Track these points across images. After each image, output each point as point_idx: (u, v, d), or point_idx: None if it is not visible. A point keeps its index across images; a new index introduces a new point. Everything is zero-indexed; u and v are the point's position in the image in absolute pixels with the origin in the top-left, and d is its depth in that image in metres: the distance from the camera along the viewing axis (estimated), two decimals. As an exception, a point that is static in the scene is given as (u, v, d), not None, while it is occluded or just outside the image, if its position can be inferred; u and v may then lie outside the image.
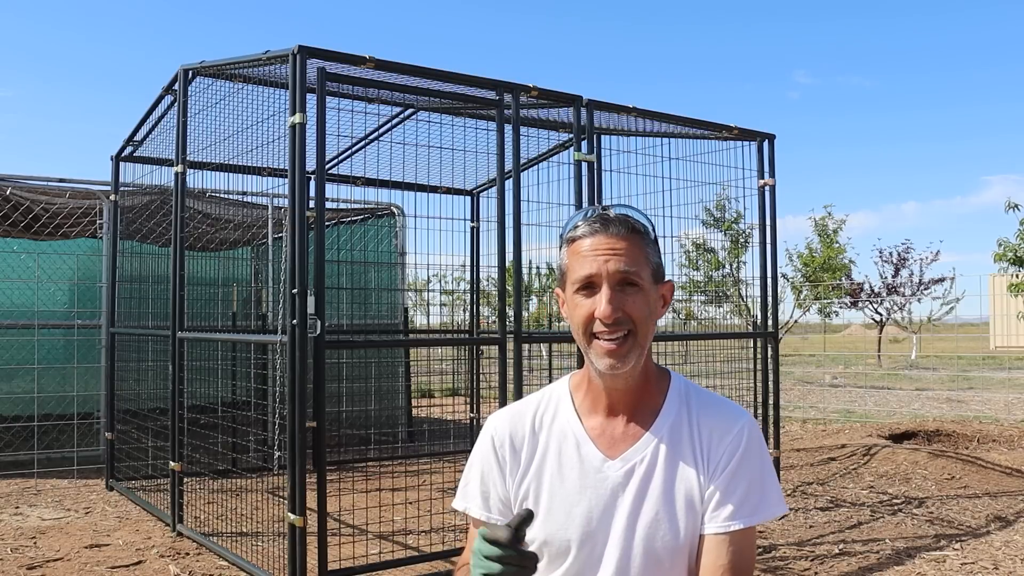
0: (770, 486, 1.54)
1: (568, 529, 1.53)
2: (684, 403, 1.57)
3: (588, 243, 1.49)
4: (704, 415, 1.56)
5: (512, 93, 4.54)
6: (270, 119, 4.53)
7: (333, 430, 7.96)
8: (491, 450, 1.62)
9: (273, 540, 4.66)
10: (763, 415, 5.66)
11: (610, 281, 1.47)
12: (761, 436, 1.57)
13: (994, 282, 21.29)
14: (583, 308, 1.48)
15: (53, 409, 7.78)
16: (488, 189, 7.64)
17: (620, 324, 1.46)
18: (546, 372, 13.19)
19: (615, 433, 1.56)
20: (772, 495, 1.53)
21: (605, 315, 1.45)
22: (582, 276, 1.48)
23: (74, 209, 7.60)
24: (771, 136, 5.72)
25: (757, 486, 1.51)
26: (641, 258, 1.50)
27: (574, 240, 1.52)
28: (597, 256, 1.47)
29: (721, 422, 1.54)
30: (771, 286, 5.74)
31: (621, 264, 1.47)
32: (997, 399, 13.31)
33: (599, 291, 1.47)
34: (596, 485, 1.53)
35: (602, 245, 1.48)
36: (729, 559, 1.47)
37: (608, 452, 1.55)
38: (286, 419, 4.01)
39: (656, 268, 1.54)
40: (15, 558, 4.72)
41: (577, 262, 1.50)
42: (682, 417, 1.56)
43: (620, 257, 1.47)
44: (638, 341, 1.48)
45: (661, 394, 1.58)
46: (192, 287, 7.46)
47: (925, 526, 5.37)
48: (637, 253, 1.49)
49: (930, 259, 24.08)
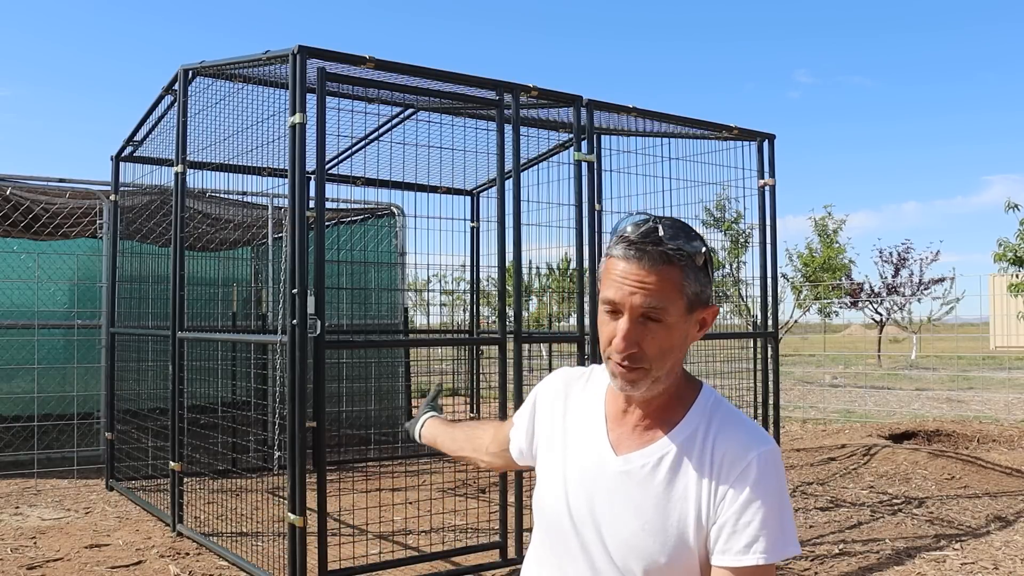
0: (787, 523, 1.44)
1: (558, 504, 1.56)
2: (705, 420, 1.51)
3: (621, 267, 1.45)
4: (721, 437, 1.48)
5: (512, 93, 4.54)
6: (270, 119, 4.53)
7: (333, 430, 7.95)
8: (532, 405, 1.75)
9: (273, 540, 4.66)
10: (763, 415, 5.66)
11: (632, 315, 1.43)
12: (780, 466, 1.47)
13: (994, 282, 21.29)
14: (606, 328, 1.47)
15: (53, 409, 7.78)
16: (488, 189, 7.64)
17: (634, 360, 1.44)
18: (546, 372, 13.17)
19: (628, 431, 1.55)
20: (789, 533, 1.43)
21: (619, 349, 1.44)
22: (608, 298, 1.46)
23: (74, 209, 7.59)
24: (771, 136, 5.72)
25: (775, 521, 1.41)
26: (673, 292, 1.44)
27: (611, 256, 1.48)
28: (624, 285, 1.43)
29: (737, 447, 1.46)
30: (771, 286, 5.74)
31: (647, 300, 1.42)
32: (997, 399, 13.31)
33: (620, 318, 1.45)
34: (595, 476, 1.53)
35: (631, 275, 1.43)
36: None
37: (616, 447, 1.54)
38: (286, 419, 4.01)
39: (694, 297, 1.47)
40: (15, 558, 4.72)
41: (607, 281, 1.47)
42: (698, 434, 1.50)
43: (647, 292, 1.42)
44: (651, 375, 1.46)
45: (684, 408, 1.53)
46: (192, 287, 7.46)
47: (925, 526, 5.37)
48: (669, 288, 1.43)
49: (930, 259, 24.10)
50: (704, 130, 5.65)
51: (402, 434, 8.62)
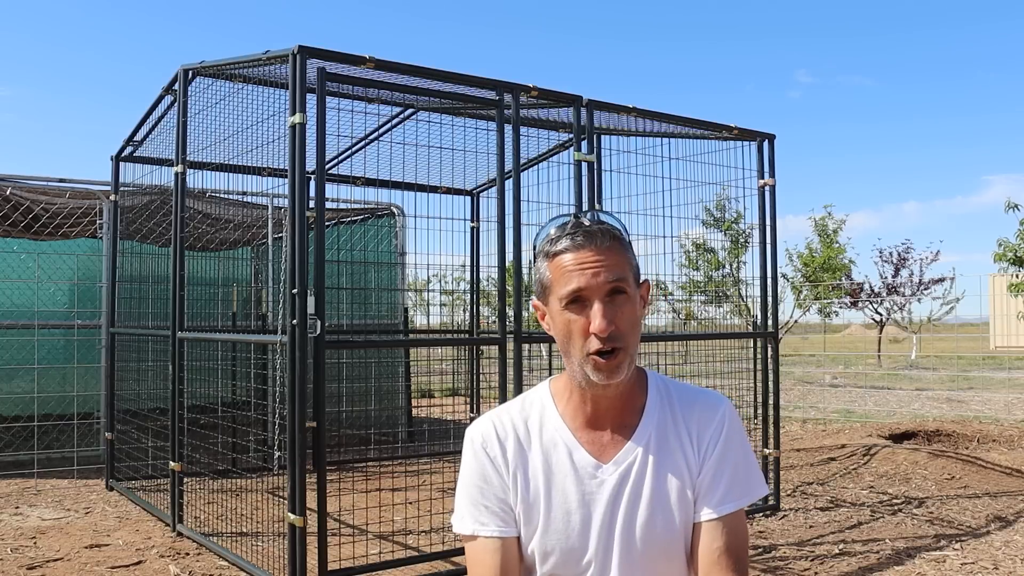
0: (753, 467, 1.60)
1: (570, 538, 1.54)
2: (665, 399, 1.60)
3: (571, 257, 1.48)
4: (687, 407, 1.59)
5: (512, 93, 4.54)
6: (270, 119, 4.53)
7: (333, 430, 7.95)
8: (484, 457, 1.59)
9: (273, 540, 4.66)
10: (763, 415, 5.66)
11: (600, 294, 1.47)
12: (738, 417, 1.63)
13: (994, 282, 21.31)
14: (576, 323, 1.48)
15: (53, 409, 7.78)
16: (488, 189, 7.64)
17: (614, 339, 1.46)
18: (546, 372, 13.18)
19: (605, 438, 1.57)
20: (755, 475, 1.60)
21: (601, 329, 1.45)
22: (571, 290, 1.47)
23: (74, 209, 7.59)
24: (771, 136, 5.72)
25: (743, 468, 1.57)
26: (625, 265, 1.51)
27: (556, 254, 1.51)
28: (585, 270, 1.47)
29: (704, 412, 1.58)
30: (771, 286, 5.74)
31: (610, 275, 1.47)
32: (997, 399, 13.31)
33: (590, 305, 1.47)
34: (593, 491, 1.54)
35: (588, 259, 1.47)
36: (725, 540, 1.51)
37: (600, 457, 1.56)
38: (286, 419, 4.01)
39: (636, 271, 1.55)
40: (15, 558, 4.72)
41: (563, 277, 1.49)
42: (666, 413, 1.59)
43: (608, 268, 1.48)
44: (629, 352, 1.49)
45: (643, 392, 1.61)
46: (192, 287, 7.46)
47: (925, 526, 5.37)
48: (622, 261, 1.50)
49: (930, 259, 24.10)
50: (704, 130, 5.65)
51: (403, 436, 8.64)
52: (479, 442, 1.60)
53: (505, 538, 1.56)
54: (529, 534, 1.56)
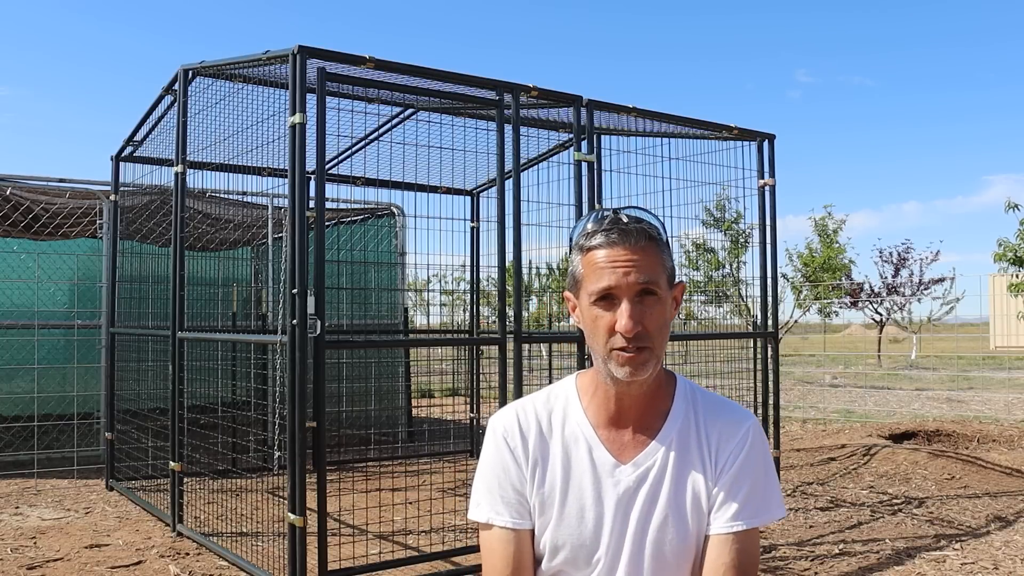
0: (772, 488, 1.57)
1: (582, 534, 1.54)
2: (691, 406, 1.59)
3: (605, 254, 1.48)
4: (711, 417, 1.57)
5: (512, 93, 4.54)
6: (270, 119, 4.54)
7: (333, 430, 7.96)
8: (505, 448, 1.59)
9: (273, 540, 4.66)
10: (763, 415, 5.66)
11: (630, 294, 1.46)
12: (764, 438, 1.60)
13: (994, 282, 21.30)
14: (603, 320, 1.48)
15: (53, 409, 7.78)
16: (488, 189, 7.64)
17: (640, 339, 1.46)
18: (546, 372, 13.18)
19: (626, 437, 1.56)
20: (774, 498, 1.56)
21: (627, 329, 1.44)
22: (601, 288, 1.47)
23: (74, 209, 7.59)
24: (771, 136, 5.72)
25: (760, 488, 1.54)
26: (658, 266, 1.49)
27: (590, 249, 1.50)
28: (616, 268, 1.46)
29: (728, 425, 1.56)
30: (771, 286, 5.74)
31: (641, 276, 1.46)
32: (997, 399, 13.31)
33: (619, 303, 1.46)
34: (609, 490, 1.54)
35: (621, 257, 1.46)
36: (732, 558, 1.49)
37: (620, 457, 1.55)
38: (286, 419, 4.01)
39: (671, 272, 1.53)
40: (15, 558, 4.72)
41: (594, 273, 1.48)
42: (689, 420, 1.57)
43: (640, 269, 1.46)
44: (655, 353, 1.49)
45: (669, 397, 1.59)
46: (192, 287, 7.46)
47: (925, 526, 5.37)
48: (655, 262, 1.49)
49: (930, 259, 24.10)
50: (704, 130, 5.65)
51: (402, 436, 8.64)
52: (501, 432, 1.60)
53: (519, 530, 1.56)
54: (542, 526, 1.57)
